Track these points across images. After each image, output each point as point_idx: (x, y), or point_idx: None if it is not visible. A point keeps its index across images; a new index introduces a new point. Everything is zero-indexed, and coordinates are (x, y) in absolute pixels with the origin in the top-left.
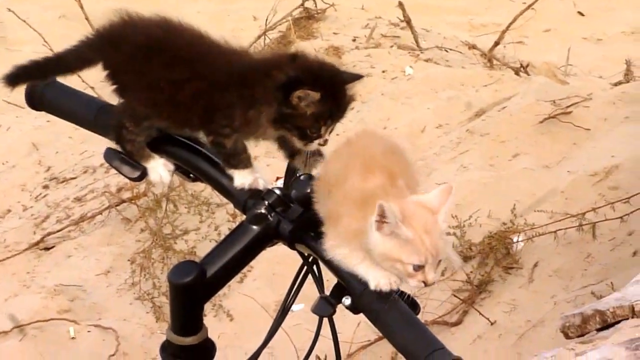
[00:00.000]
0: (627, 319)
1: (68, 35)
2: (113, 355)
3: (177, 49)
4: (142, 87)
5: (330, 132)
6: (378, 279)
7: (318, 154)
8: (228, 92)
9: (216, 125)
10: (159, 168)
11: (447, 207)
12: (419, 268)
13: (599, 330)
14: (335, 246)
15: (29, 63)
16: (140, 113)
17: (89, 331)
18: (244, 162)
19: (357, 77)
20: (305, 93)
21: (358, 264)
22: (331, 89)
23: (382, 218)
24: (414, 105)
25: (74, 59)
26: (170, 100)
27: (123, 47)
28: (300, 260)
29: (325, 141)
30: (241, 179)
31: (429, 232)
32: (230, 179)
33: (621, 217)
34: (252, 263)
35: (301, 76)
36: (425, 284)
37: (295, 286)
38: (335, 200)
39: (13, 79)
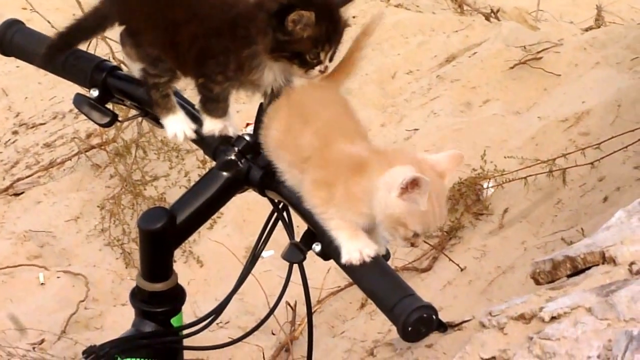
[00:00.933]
0: (598, 265)
1: None
2: (83, 301)
3: None
4: (149, 28)
5: (331, 58)
6: (350, 254)
7: None
8: (222, 37)
9: (209, 71)
10: (177, 125)
11: (453, 174)
12: (418, 235)
13: (569, 276)
14: (324, 213)
15: (56, 37)
16: (152, 54)
17: (58, 277)
18: (221, 110)
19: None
20: (300, 15)
21: (334, 229)
22: (325, 10)
23: (413, 188)
24: (384, 50)
25: (94, 20)
26: (171, 42)
27: None
28: (270, 207)
29: (326, 67)
30: (211, 125)
31: (440, 202)
32: (201, 124)
33: (591, 163)
34: (222, 209)
35: (294, 1)
36: (412, 245)
37: (266, 232)
38: (318, 165)
39: (49, 59)
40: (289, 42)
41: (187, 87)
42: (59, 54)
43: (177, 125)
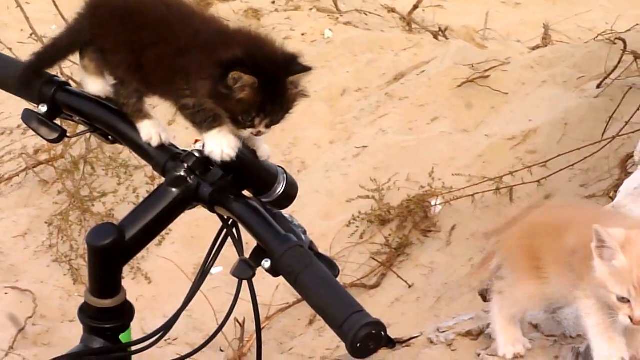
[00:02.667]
0: None
1: None
2: (30, 317)
3: (145, 12)
4: (117, 47)
5: (268, 125)
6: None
7: None
8: (184, 58)
9: (178, 87)
10: (152, 129)
11: None
12: (623, 300)
13: None
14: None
15: (33, 58)
16: (120, 76)
17: (6, 293)
18: (211, 118)
19: (305, 69)
20: (239, 75)
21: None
22: (272, 80)
23: (600, 243)
24: (333, 68)
25: (68, 38)
26: (137, 63)
27: (102, 10)
28: (219, 223)
29: (259, 132)
30: (212, 142)
31: None
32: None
33: (538, 181)
34: (171, 226)
35: (245, 58)
36: (632, 321)
37: (215, 249)
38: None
39: (25, 81)
40: (226, 96)
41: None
42: (36, 76)
43: (152, 129)
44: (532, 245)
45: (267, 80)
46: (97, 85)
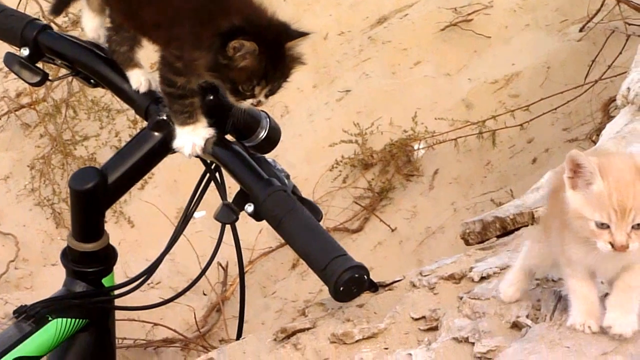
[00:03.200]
0: (527, 225)
1: None
2: (12, 261)
3: None
4: None
5: (267, 95)
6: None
7: None
8: (179, 26)
9: (171, 54)
10: (141, 77)
11: None
12: (602, 226)
13: (498, 237)
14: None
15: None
16: (117, 21)
17: None
18: (188, 113)
19: (301, 34)
20: (241, 43)
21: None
22: (272, 46)
23: (575, 169)
24: (316, 11)
25: None
26: (139, 16)
27: None
28: (202, 168)
29: (259, 102)
30: (182, 139)
31: (623, 187)
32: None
33: (521, 125)
34: (153, 170)
35: (245, 26)
36: (613, 246)
37: (198, 193)
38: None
39: (56, 9)
40: (226, 67)
41: None
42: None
43: (141, 77)
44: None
45: (268, 47)
46: (93, 23)
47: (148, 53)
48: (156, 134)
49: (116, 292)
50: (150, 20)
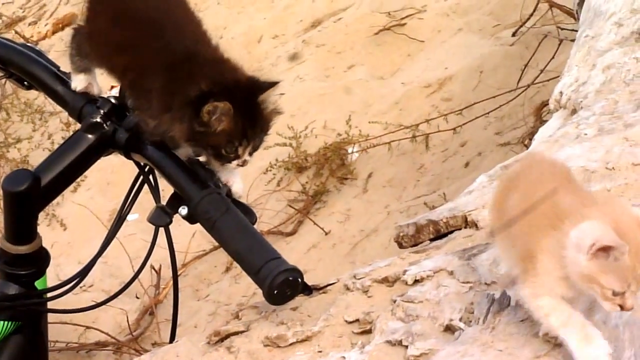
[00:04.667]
0: (460, 229)
1: None
2: None
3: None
4: (98, 29)
5: (250, 153)
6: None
7: None
8: (149, 81)
9: (140, 103)
10: (83, 80)
11: None
12: (617, 293)
13: (432, 240)
14: (535, 295)
15: None
16: (86, 50)
17: None
18: (83, 66)
19: (271, 84)
20: (214, 106)
21: (566, 321)
22: (244, 102)
23: (606, 252)
24: (250, 14)
25: None
26: (109, 52)
27: None
28: (136, 170)
29: (244, 162)
30: (76, 81)
31: None
32: (65, 85)
33: (454, 129)
34: (86, 172)
35: (213, 89)
36: (622, 309)
37: (131, 196)
38: (522, 232)
39: None
40: (204, 133)
41: None
42: None
43: (84, 79)
44: None
45: (241, 104)
46: None
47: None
48: (90, 136)
49: (49, 294)
50: (119, 65)
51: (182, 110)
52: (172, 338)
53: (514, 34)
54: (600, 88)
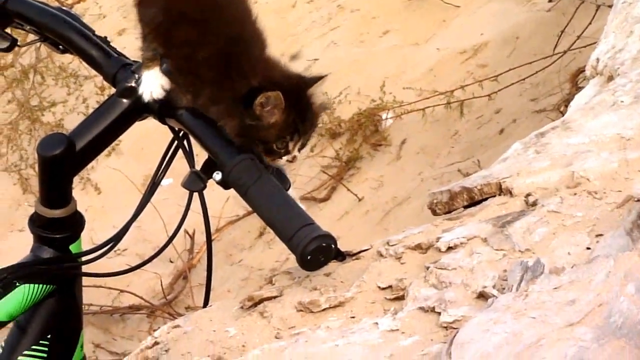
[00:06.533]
0: (494, 196)
1: None
2: None
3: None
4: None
5: (300, 148)
6: None
7: None
8: (210, 67)
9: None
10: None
11: None
12: None
13: (465, 207)
14: None
15: None
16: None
17: None
18: None
19: (318, 78)
20: (267, 97)
21: None
22: (294, 95)
23: None
24: None
25: None
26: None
27: None
28: (170, 135)
29: (294, 158)
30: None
31: None
32: (100, 49)
33: (489, 95)
34: (121, 137)
35: (265, 86)
36: None
37: (165, 161)
38: None
39: None
40: (255, 127)
41: None
42: None
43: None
44: None
45: (292, 98)
46: None
47: None
48: (124, 100)
49: (83, 258)
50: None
51: (232, 106)
52: (206, 303)
53: (550, 0)
54: (637, 55)
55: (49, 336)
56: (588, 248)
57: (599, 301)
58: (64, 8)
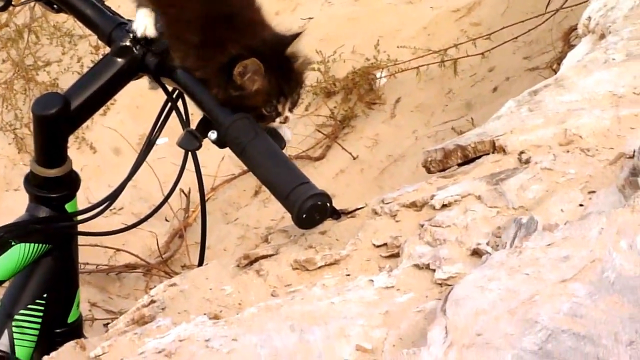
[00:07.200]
0: (488, 154)
1: None
2: None
3: None
4: None
5: (290, 109)
6: None
7: None
8: (194, 32)
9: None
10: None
11: None
12: None
13: (460, 165)
14: None
15: None
16: None
17: None
18: None
19: (294, 36)
20: (244, 65)
21: None
22: (275, 59)
23: None
24: None
25: None
26: None
27: None
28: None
29: (286, 118)
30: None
31: None
32: (95, 8)
33: (482, 54)
34: (116, 96)
35: (241, 52)
36: None
37: (160, 120)
38: None
39: None
40: (241, 97)
41: None
42: None
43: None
44: None
45: (271, 62)
46: None
47: None
48: (119, 59)
49: (79, 217)
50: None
51: (217, 75)
52: (201, 262)
53: None
54: (628, 13)
55: (45, 295)
56: (581, 205)
57: (592, 257)
58: None
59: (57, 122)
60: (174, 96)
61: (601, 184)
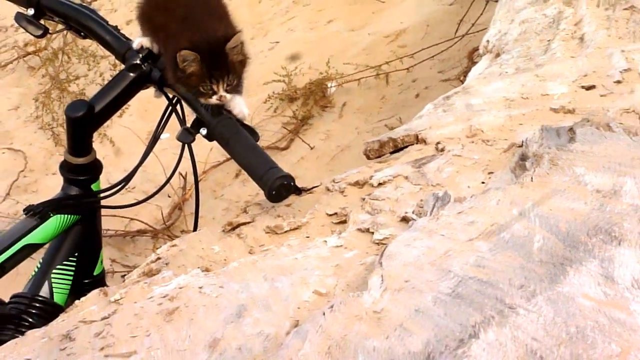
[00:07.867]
0: (413, 144)
1: None
2: (22, 171)
3: None
4: None
5: (226, 90)
6: None
7: None
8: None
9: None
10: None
11: None
12: None
13: (392, 153)
14: None
15: None
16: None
17: (3, 152)
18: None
19: (233, 34)
20: (182, 55)
21: None
22: (213, 51)
23: None
24: None
25: None
26: (151, 13)
27: None
28: (166, 101)
29: (222, 97)
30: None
31: None
32: (112, 35)
33: (407, 69)
34: (129, 102)
35: (187, 45)
36: None
37: (163, 120)
38: None
39: None
40: (183, 77)
41: None
42: None
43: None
44: None
45: (207, 53)
46: None
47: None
48: (131, 74)
49: (102, 194)
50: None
51: (170, 62)
52: (195, 227)
53: None
54: (517, 37)
55: (76, 254)
56: (483, 182)
57: (492, 222)
58: (84, 4)
59: (84, 122)
60: (174, 102)
61: (498, 167)
